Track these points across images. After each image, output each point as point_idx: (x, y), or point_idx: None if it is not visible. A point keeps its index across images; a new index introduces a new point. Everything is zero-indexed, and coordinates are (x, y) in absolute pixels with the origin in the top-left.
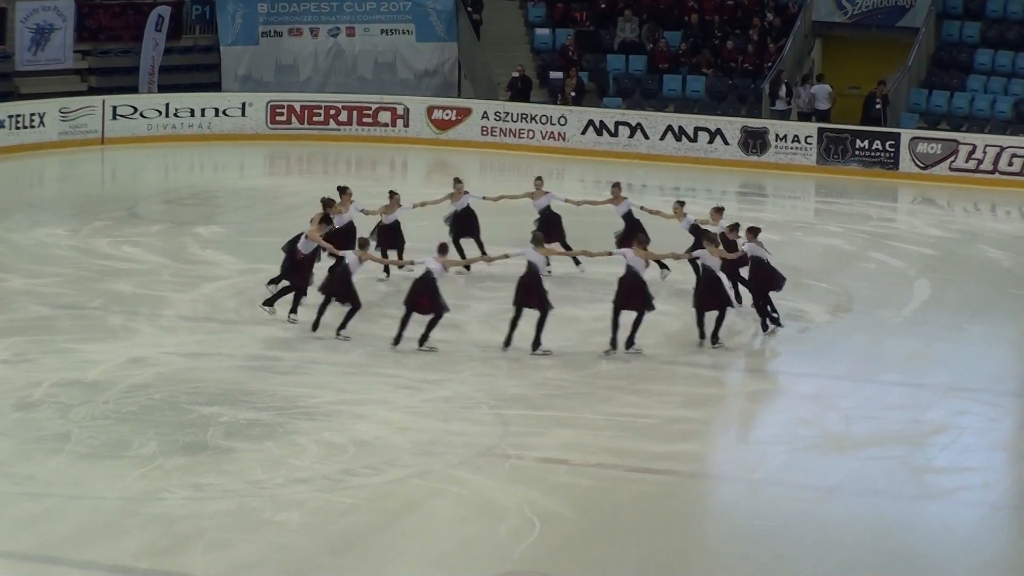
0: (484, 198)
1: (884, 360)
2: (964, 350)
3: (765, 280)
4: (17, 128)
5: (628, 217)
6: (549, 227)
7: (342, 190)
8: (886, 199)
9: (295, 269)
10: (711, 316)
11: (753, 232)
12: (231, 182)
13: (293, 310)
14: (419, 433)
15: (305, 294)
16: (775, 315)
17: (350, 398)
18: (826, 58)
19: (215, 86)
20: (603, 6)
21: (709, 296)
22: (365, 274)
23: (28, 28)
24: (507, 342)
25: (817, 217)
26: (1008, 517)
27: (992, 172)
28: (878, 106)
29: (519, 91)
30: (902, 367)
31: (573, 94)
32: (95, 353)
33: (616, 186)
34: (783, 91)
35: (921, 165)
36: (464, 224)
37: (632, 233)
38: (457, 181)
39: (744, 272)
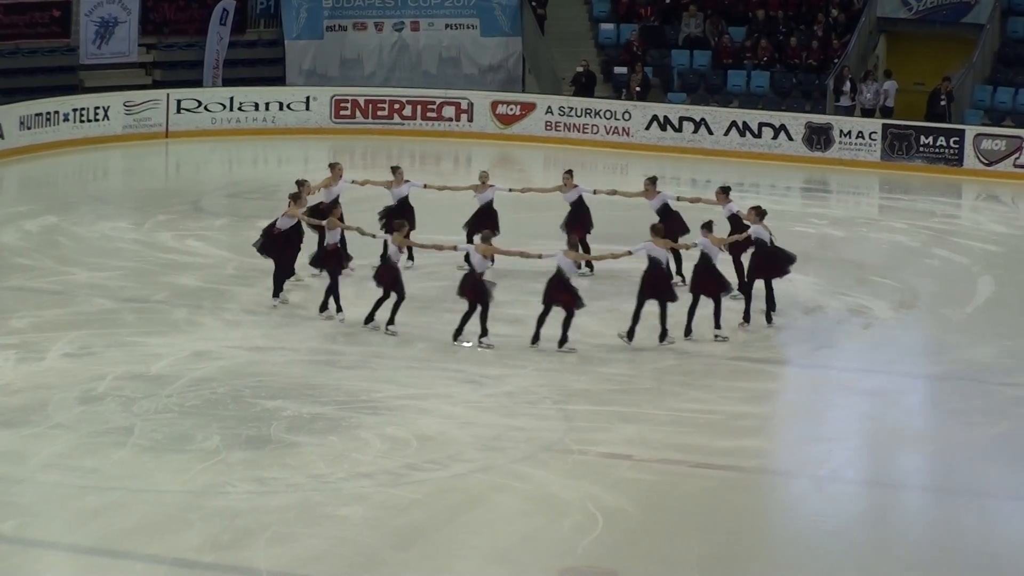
0: (511, 190)
1: (947, 356)
2: None
3: (762, 265)
4: (81, 121)
5: (664, 210)
6: (578, 218)
7: (332, 166)
8: (950, 195)
9: (272, 245)
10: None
11: (758, 213)
12: (295, 176)
13: (275, 293)
14: (482, 428)
15: (290, 273)
16: (771, 309)
17: (413, 392)
18: (890, 54)
19: (279, 80)
20: (668, 1)
21: (702, 282)
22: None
23: (93, 21)
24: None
25: (881, 213)
26: None
27: None
28: (943, 102)
29: (583, 86)
30: (965, 364)
31: (638, 89)
32: (159, 347)
33: (651, 180)
34: (847, 87)
35: (985, 162)
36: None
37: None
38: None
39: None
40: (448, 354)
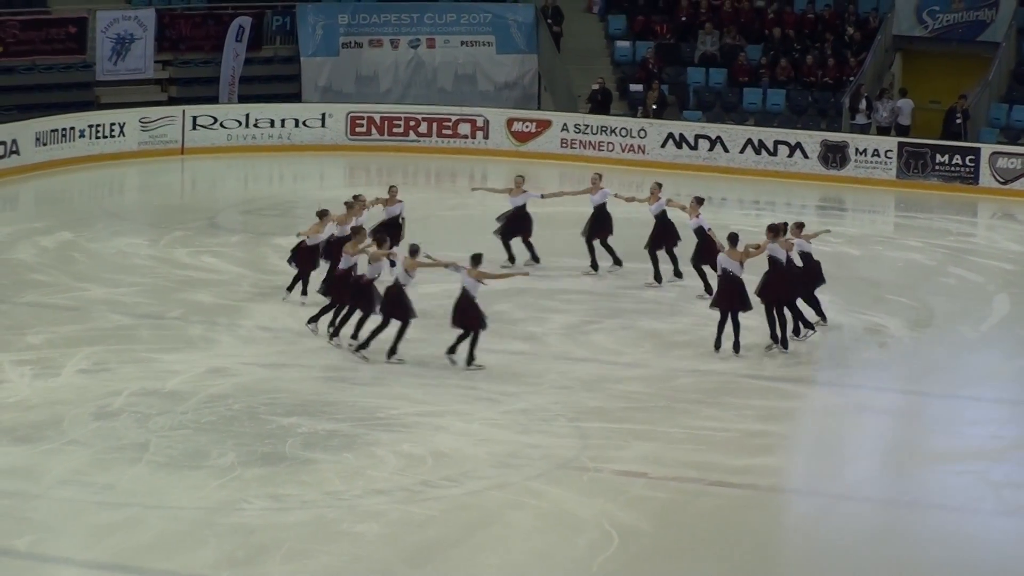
0: (543, 196)
1: (963, 375)
2: None
3: (775, 288)
4: (97, 137)
5: (661, 217)
6: (601, 222)
7: (356, 197)
8: (966, 214)
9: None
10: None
11: (774, 231)
12: (311, 193)
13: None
14: (497, 445)
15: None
16: (779, 333)
17: (428, 410)
18: (906, 72)
19: (295, 97)
20: (684, 19)
21: (727, 298)
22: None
23: (109, 38)
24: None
25: (897, 231)
26: None
27: None
28: (958, 121)
29: (599, 104)
30: (981, 382)
31: (654, 107)
32: (174, 363)
33: (657, 185)
34: (863, 105)
35: (1001, 180)
36: (518, 224)
37: (664, 233)
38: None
39: None
40: (463, 372)
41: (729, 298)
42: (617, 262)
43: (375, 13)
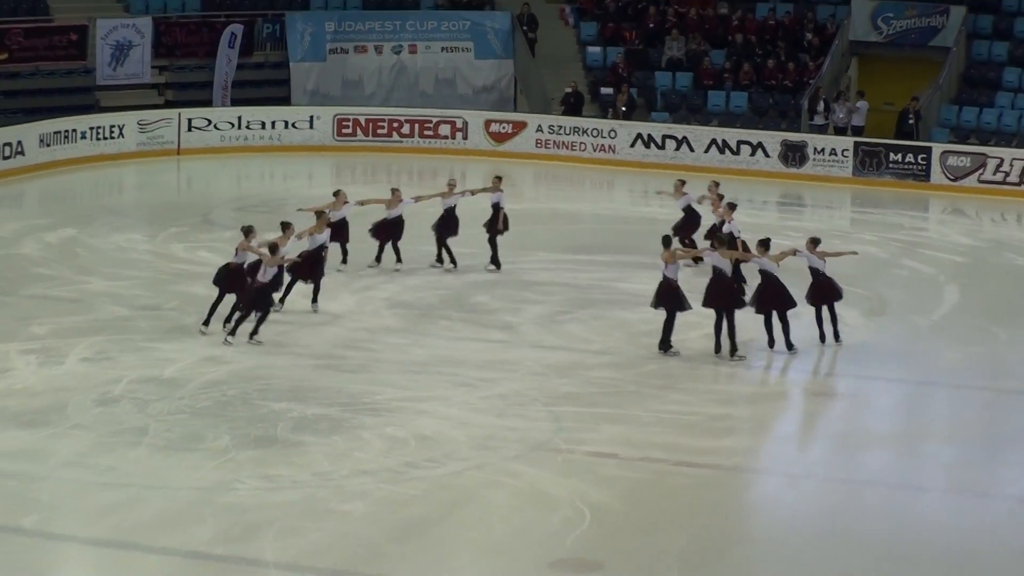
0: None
1: (916, 361)
2: (992, 352)
3: (772, 299)
4: (97, 139)
5: (688, 210)
6: (689, 223)
7: (336, 193)
8: (918, 209)
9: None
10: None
11: (764, 246)
12: (300, 191)
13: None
14: (476, 428)
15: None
16: (789, 340)
17: (411, 395)
18: (862, 75)
19: (285, 100)
20: (651, 26)
21: (718, 296)
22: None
23: (108, 44)
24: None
25: (853, 226)
26: None
27: (1019, 184)
28: (911, 121)
29: (572, 106)
30: (933, 368)
31: (623, 109)
32: (171, 352)
33: (680, 182)
34: (821, 107)
35: (951, 177)
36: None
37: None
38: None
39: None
40: (444, 359)
41: (721, 297)
42: (453, 262)
43: (360, 21)
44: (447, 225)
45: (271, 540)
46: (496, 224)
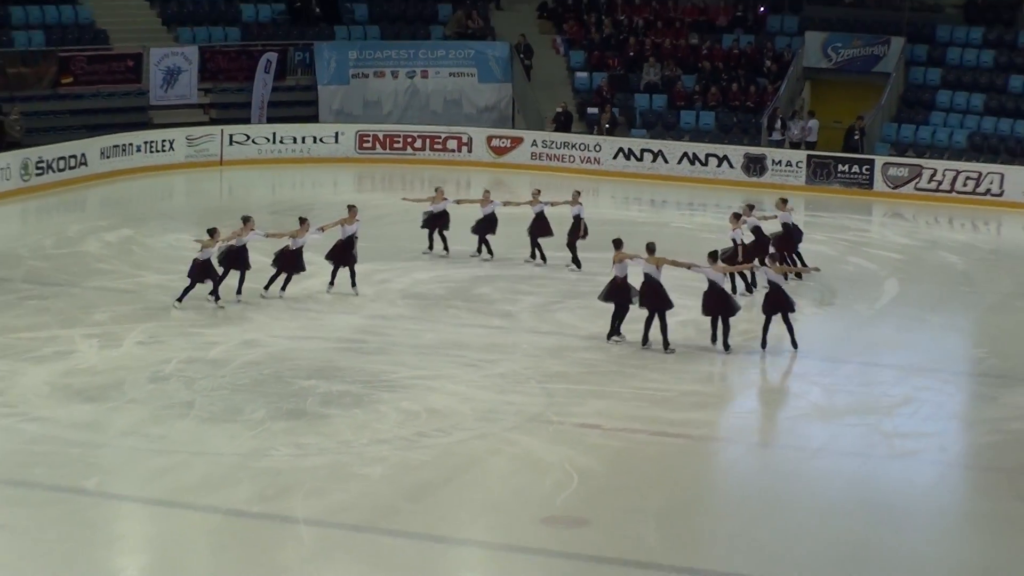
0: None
1: (860, 344)
2: (926, 337)
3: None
4: (151, 152)
5: (756, 231)
6: (786, 239)
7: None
8: (862, 213)
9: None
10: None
11: (712, 257)
12: (326, 197)
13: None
14: (479, 403)
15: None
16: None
17: (423, 374)
18: (814, 97)
19: (313, 118)
20: (631, 54)
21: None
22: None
23: (160, 70)
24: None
25: (805, 228)
26: (960, 474)
27: (950, 192)
28: (856, 137)
29: (562, 124)
30: (875, 350)
31: (607, 126)
32: (215, 336)
33: (735, 215)
34: (778, 124)
35: (891, 186)
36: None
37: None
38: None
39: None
40: (451, 342)
41: (652, 299)
42: (543, 258)
43: (379, 50)
44: (540, 227)
45: (301, 499)
46: (577, 232)
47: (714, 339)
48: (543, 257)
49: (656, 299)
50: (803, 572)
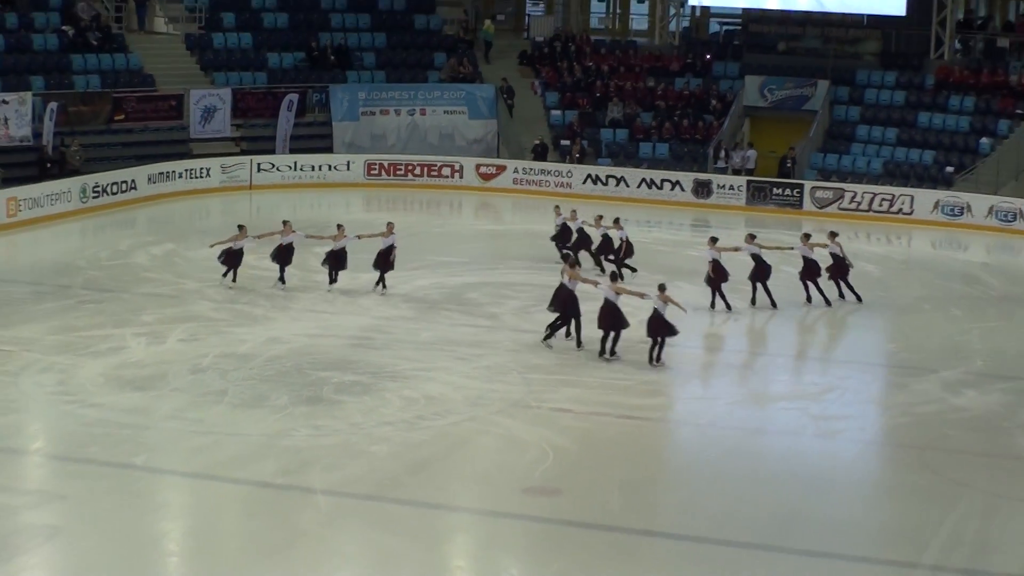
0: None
1: (790, 340)
2: (846, 334)
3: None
4: (190, 178)
5: (756, 258)
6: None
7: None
8: (794, 230)
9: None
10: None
11: (659, 288)
12: (339, 216)
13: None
14: (469, 390)
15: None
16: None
17: (422, 366)
18: (753, 131)
19: (328, 149)
20: (598, 95)
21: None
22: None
23: (198, 108)
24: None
25: (745, 242)
26: (877, 450)
27: (868, 211)
28: (789, 165)
29: (539, 154)
30: (803, 345)
31: (577, 156)
32: (244, 334)
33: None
34: (723, 154)
35: (818, 206)
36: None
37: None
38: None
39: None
40: (445, 340)
41: (565, 307)
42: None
43: (384, 91)
44: (604, 248)
45: (318, 473)
46: (621, 252)
47: (650, 359)
48: (626, 272)
49: (570, 309)
50: (744, 534)
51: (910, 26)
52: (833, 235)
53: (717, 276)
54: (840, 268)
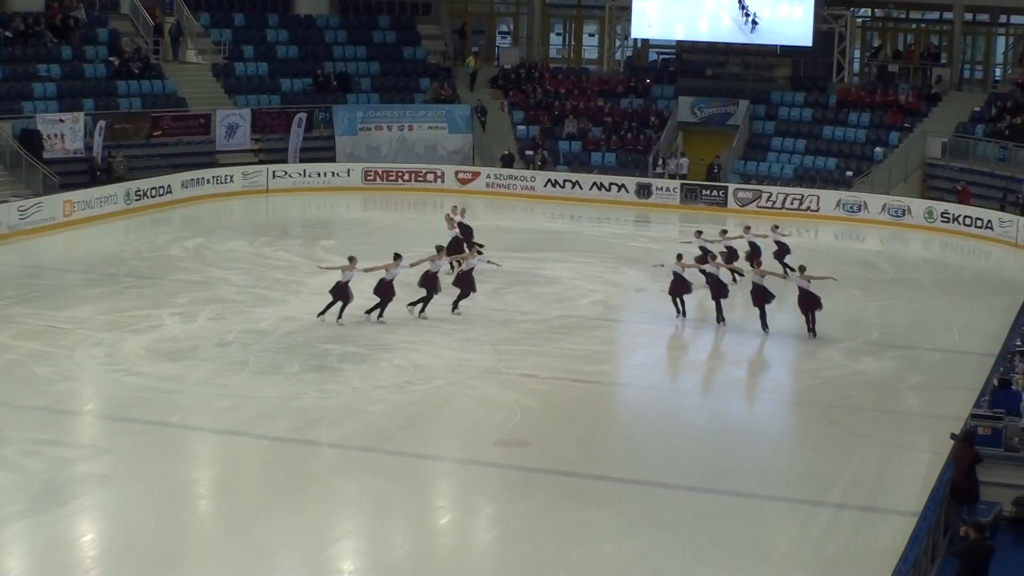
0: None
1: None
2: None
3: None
4: (217, 184)
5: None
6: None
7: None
8: (720, 225)
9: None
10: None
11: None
12: (341, 215)
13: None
14: (450, 360)
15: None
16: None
17: (410, 339)
18: (686, 142)
19: (332, 159)
20: (556, 113)
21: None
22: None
23: (223, 125)
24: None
25: (680, 235)
26: (790, 408)
27: (781, 208)
28: (715, 170)
29: (507, 162)
30: (730, 322)
31: (539, 164)
32: (263, 314)
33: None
34: (660, 162)
35: (740, 204)
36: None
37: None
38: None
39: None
40: (432, 319)
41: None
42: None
43: (378, 111)
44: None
45: (324, 429)
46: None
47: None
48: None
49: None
50: (682, 479)
51: (816, 55)
52: (775, 227)
53: (681, 287)
54: (782, 252)
